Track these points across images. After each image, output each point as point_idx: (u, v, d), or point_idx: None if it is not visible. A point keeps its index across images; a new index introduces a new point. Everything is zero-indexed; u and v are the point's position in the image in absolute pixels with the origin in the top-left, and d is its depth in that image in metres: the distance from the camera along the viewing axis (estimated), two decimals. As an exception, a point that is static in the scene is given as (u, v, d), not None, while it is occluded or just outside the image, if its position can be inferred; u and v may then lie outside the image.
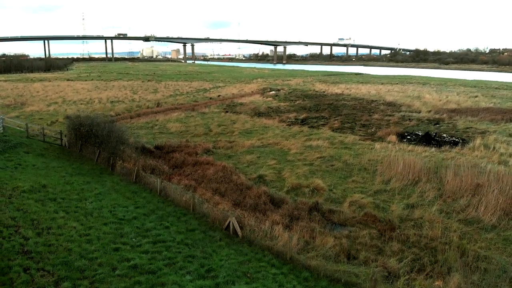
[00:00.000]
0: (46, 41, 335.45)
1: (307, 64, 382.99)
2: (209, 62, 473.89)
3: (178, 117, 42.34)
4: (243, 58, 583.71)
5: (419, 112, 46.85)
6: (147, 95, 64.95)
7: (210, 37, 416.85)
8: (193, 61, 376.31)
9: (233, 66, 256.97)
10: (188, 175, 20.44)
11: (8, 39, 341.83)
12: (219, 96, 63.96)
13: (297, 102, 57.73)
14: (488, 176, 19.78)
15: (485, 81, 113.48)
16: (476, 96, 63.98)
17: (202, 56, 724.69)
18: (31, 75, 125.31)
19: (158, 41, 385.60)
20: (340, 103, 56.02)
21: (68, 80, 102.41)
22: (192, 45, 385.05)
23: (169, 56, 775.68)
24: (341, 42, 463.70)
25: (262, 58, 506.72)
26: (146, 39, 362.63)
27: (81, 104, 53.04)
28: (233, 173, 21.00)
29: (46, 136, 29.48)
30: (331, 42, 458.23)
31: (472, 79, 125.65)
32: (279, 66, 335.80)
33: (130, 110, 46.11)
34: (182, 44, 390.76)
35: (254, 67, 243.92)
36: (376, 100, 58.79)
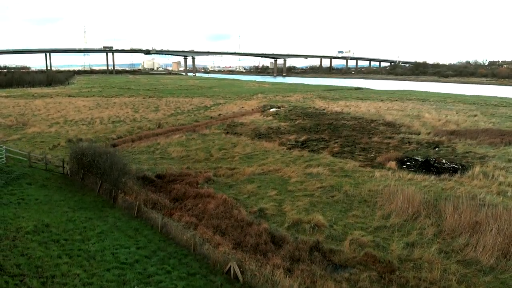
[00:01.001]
0: (47, 54, 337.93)
1: (307, 76, 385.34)
2: (209, 75, 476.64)
3: (179, 139, 42.63)
4: (244, 71, 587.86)
5: (419, 134, 47.14)
6: (149, 113, 65.40)
7: (211, 50, 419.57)
8: (193, 74, 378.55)
9: (234, 80, 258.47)
10: (189, 210, 20.62)
11: (10, 52, 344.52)
12: (219, 115, 64.39)
13: (297, 121, 58.10)
14: (486, 213, 19.94)
15: (484, 96, 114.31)
16: (475, 115, 64.39)
17: (203, 68, 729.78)
18: (33, 90, 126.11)
19: (159, 54, 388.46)
20: (340, 123, 56.40)
21: (69, 96, 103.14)
22: (193, 58, 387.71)
23: (170, 68, 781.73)
24: (340, 55, 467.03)
25: (262, 71, 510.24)
26: (147, 52, 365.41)
27: (83, 124, 53.40)
28: (234, 207, 21.17)
29: (48, 163, 29.71)
30: (331, 55, 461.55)
31: (472, 94, 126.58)
32: (279, 79, 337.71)
33: (132, 132, 46.43)
34: (183, 57, 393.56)
35: (254, 81, 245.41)
36: (375, 120, 59.16)
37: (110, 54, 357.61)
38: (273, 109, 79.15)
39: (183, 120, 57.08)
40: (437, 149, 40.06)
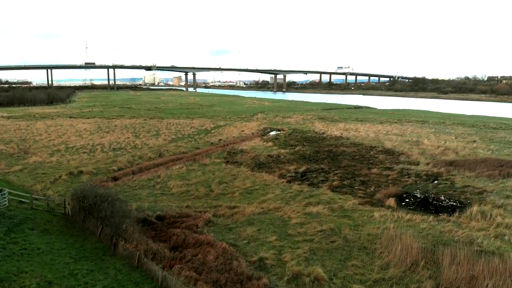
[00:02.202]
0: (49, 70, 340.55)
1: (306, 92, 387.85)
2: (210, 90, 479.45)
3: (179, 171, 42.93)
4: (244, 86, 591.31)
5: (418, 164, 47.46)
6: (149, 139, 65.86)
7: (211, 66, 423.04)
8: (194, 89, 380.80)
9: (234, 96, 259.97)
10: (189, 261, 20.76)
11: (12, 67, 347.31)
12: (220, 140, 64.82)
13: (297, 148, 58.50)
14: (483, 265, 20.12)
15: (483, 117, 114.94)
16: (474, 141, 64.80)
17: (203, 83, 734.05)
18: (34, 110, 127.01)
19: (160, 70, 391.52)
20: (339, 150, 56.77)
21: (70, 117, 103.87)
22: (194, 74, 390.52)
23: (171, 83, 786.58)
24: (339, 71, 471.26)
25: (263, 86, 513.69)
26: (149, 68, 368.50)
27: (84, 152, 53.78)
28: (234, 257, 21.34)
29: (49, 202, 29.97)
30: (330, 71, 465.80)
31: (471, 114, 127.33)
32: (279, 95, 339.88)
33: (132, 162, 46.75)
34: (184, 72, 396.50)
35: (255, 98, 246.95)
36: (375, 147, 59.55)
37: (111, 70, 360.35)
38: (273, 132, 79.77)
39: (184, 147, 57.46)
40: (435, 182, 40.34)
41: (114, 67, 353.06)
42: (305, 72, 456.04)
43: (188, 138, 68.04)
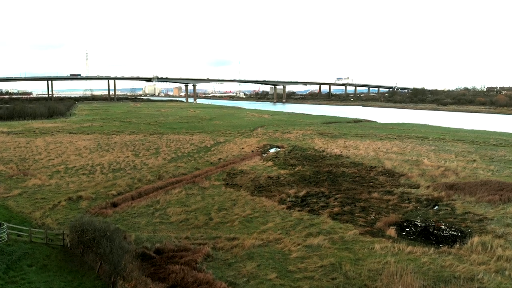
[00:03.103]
0: (49, 81, 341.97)
1: (306, 103, 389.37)
2: (210, 101, 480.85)
3: (178, 196, 42.81)
4: (244, 96, 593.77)
5: (418, 188, 47.37)
6: (149, 158, 65.82)
7: (211, 77, 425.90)
8: (194, 100, 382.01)
9: (234, 108, 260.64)
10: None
11: (12, 79, 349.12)
12: (219, 159, 64.76)
13: (297, 168, 58.43)
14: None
15: (483, 132, 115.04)
16: (474, 161, 64.77)
17: (204, 93, 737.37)
18: (34, 125, 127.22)
19: (161, 81, 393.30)
20: (339, 171, 56.70)
21: (70, 133, 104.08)
22: (194, 85, 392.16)
23: (171, 93, 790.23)
24: (339, 82, 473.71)
25: (262, 97, 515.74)
26: (149, 79, 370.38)
27: (83, 174, 53.66)
28: (234, 299, 21.14)
29: (48, 231, 29.84)
30: (330, 82, 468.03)
31: (470, 128, 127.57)
32: (279, 106, 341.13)
33: (132, 186, 46.63)
34: (184, 84, 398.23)
35: (254, 109, 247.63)
36: (375, 167, 59.48)
37: (111, 81, 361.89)
38: (273, 150, 79.82)
39: (184, 168, 57.37)
40: (436, 207, 40.23)
41: (115, 78, 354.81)
42: (305, 83, 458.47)
43: (187, 157, 68.00)
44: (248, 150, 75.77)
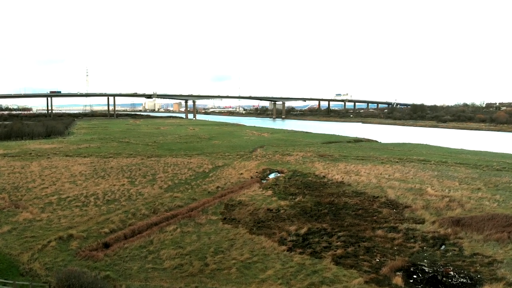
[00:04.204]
0: (49, 98, 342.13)
1: (305, 119, 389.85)
2: (209, 116, 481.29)
3: (173, 234, 40.96)
4: (243, 112, 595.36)
5: (423, 223, 45.63)
6: (145, 186, 64.13)
7: (211, 92, 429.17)
8: (194, 116, 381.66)
9: (233, 125, 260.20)
10: None
11: (12, 96, 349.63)
12: (218, 188, 63.06)
13: (297, 198, 56.69)
14: None
15: (485, 153, 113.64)
16: (479, 189, 63.10)
17: (203, 108, 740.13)
18: (31, 146, 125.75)
19: (160, 97, 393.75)
20: (341, 202, 54.94)
21: (66, 155, 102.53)
22: (194, 102, 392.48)
23: (171, 108, 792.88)
24: (338, 98, 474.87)
25: (262, 112, 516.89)
26: (149, 96, 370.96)
27: (76, 207, 51.82)
28: None
29: (33, 284, 28.07)
30: (329, 98, 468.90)
31: (472, 149, 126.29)
32: (278, 122, 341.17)
33: (125, 222, 44.83)
34: (184, 100, 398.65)
35: (254, 127, 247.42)
36: (378, 197, 57.77)
37: (111, 98, 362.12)
38: (272, 175, 78.22)
39: (180, 199, 55.60)
40: (443, 247, 38.45)
41: (114, 95, 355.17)
42: (304, 99, 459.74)
43: (185, 184, 66.29)
44: (247, 176, 74.11)
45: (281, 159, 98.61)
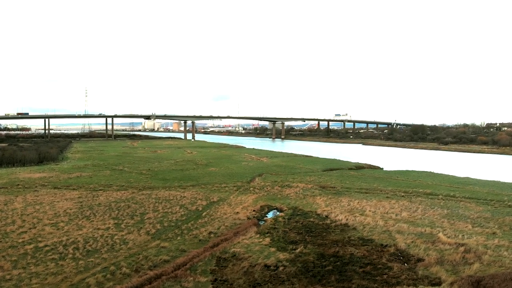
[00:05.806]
0: (46, 120, 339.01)
1: (305, 140, 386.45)
2: (208, 136, 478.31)
3: (157, 304, 35.79)
4: (243, 132, 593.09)
5: (440, 284, 40.46)
6: (131, 231, 59.00)
7: (210, 112, 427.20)
8: (193, 137, 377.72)
9: (232, 148, 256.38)
10: None
11: (9, 117, 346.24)
12: (210, 234, 57.90)
13: (298, 249, 51.44)
14: None
15: (492, 183, 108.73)
16: (494, 234, 58.03)
17: (203, 128, 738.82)
18: (21, 175, 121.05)
19: (159, 118, 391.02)
20: (347, 253, 49.70)
21: (55, 187, 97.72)
22: (193, 122, 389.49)
23: (171, 128, 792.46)
24: (338, 118, 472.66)
25: (261, 132, 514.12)
26: (148, 117, 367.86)
27: (52, 260, 46.50)
28: None
29: None
30: (328, 118, 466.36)
31: (478, 178, 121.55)
32: (278, 143, 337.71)
33: (102, 286, 39.62)
34: (183, 121, 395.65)
35: (253, 149, 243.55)
36: (386, 245, 52.61)
37: (109, 119, 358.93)
38: (271, 214, 73.29)
39: (167, 251, 50.30)
40: (467, 323, 33.23)
41: (113, 116, 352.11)
42: (303, 119, 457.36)
43: (174, 228, 61.16)
44: (243, 216, 69.06)
45: (280, 192, 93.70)
